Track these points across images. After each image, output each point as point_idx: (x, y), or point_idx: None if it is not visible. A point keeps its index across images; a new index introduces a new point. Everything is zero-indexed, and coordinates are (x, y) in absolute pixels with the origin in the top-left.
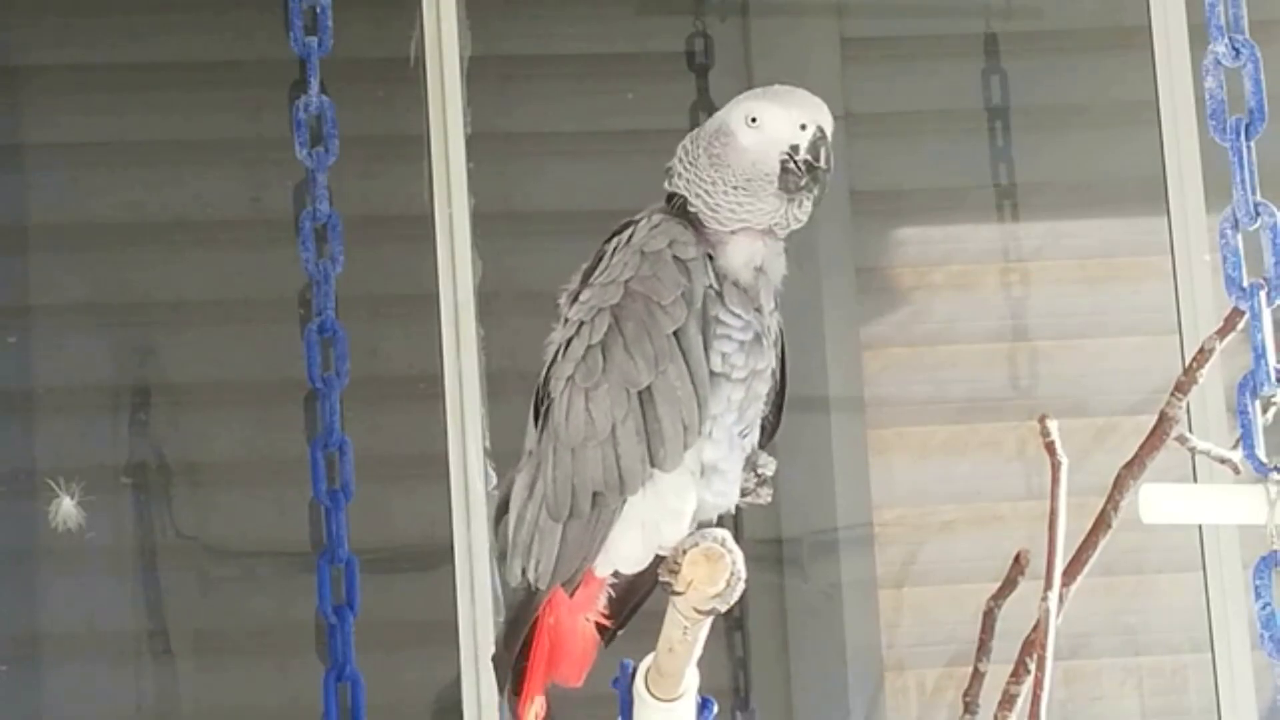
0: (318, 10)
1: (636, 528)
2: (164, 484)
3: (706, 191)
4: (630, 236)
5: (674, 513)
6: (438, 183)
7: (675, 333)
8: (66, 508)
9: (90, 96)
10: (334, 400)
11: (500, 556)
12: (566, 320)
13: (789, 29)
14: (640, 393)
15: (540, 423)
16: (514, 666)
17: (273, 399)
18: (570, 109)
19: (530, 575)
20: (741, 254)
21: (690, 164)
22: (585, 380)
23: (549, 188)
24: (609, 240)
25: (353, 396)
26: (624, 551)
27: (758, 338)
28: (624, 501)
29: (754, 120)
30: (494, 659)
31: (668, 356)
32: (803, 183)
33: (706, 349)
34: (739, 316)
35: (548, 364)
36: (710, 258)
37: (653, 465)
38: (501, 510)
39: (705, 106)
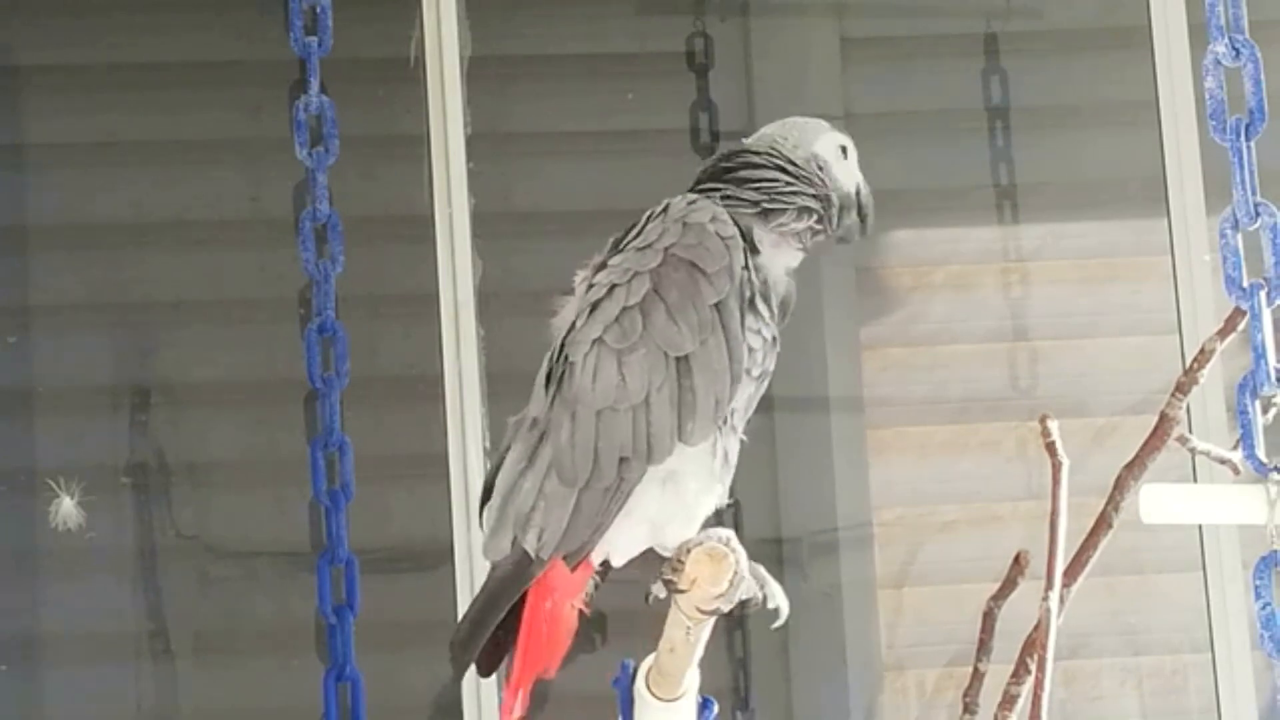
0: (318, 10)
1: (644, 524)
2: (164, 484)
3: (835, 209)
4: (665, 210)
5: (687, 515)
6: (438, 183)
7: (716, 305)
8: (66, 508)
9: (90, 96)
10: (334, 400)
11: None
12: (591, 285)
13: (789, 29)
14: (678, 361)
15: (553, 389)
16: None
17: (273, 399)
18: (570, 109)
19: (530, 544)
20: (784, 260)
21: (819, 183)
22: (619, 341)
23: (549, 188)
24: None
25: (353, 396)
26: (621, 543)
27: (774, 340)
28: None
29: (845, 151)
30: (462, 640)
31: (710, 327)
32: (863, 233)
33: (743, 327)
34: (770, 308)
35: (564, 330)
36: (756, 251)
37: (680, 438)
38: (488, 493)
39: (705, 106)
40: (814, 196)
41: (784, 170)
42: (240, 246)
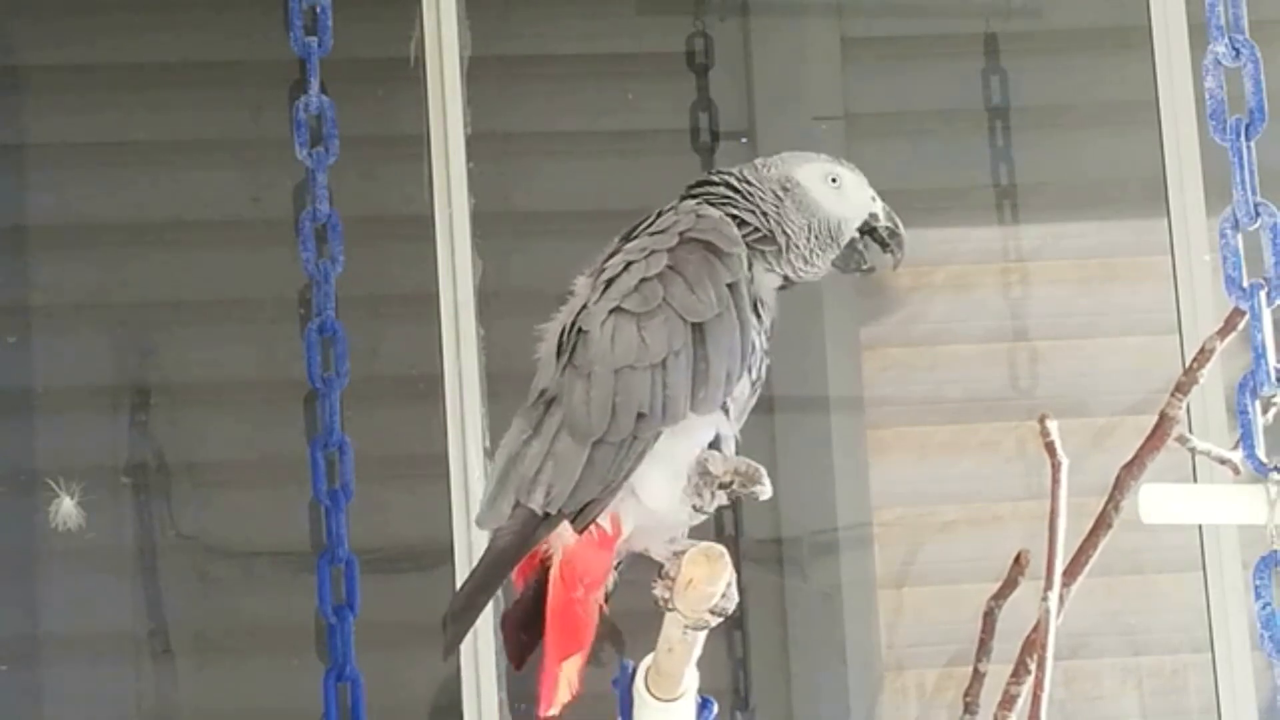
0: (318, 10)
1: (664, 462)
2: (164, 484)
3: (794, 232)
4: (674, 207)
5: (697, 452)
6: (438, 183)
7: (729, 285)
8: (66, 508)
9: (90, 96)
10: (334, 400)
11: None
12: (603, 270)
13: (789, 29)
14: (695, 328)
15: (564, 358)
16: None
17: (273, 399)
18: (570, 109)
19: (537, 502)
20: (768, 281)
21: (773, 203)
22: (638, 307)
23: (549, 188)
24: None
25: (353, 396)
26: (653, 489)
27: (766, 351)
28: (658, 435)
29: (835, 181)
30: (457, 611)
31: (725, 303)
32: (865, 265)
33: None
34: (763, 319)
35: (575, 311)
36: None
37: (691, 406)
38: None
39: (705, 106)
40: (752, 212)
41: (728, 185)
42: (240, 246)
